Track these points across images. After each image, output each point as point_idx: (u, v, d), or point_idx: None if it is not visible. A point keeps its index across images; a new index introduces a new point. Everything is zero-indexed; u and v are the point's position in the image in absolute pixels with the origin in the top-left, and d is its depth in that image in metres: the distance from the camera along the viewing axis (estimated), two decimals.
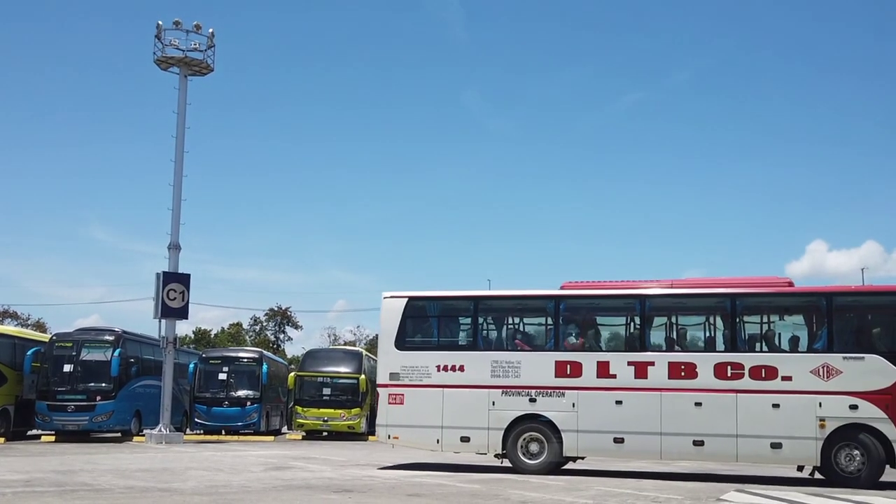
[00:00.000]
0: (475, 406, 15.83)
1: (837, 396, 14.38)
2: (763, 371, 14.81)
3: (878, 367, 14.33)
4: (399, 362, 16.30)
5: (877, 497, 12.40)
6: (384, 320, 16.72)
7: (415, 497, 11.46)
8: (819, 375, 14.54)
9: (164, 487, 12.05)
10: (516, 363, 15.89)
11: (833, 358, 14.53)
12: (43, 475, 13.64)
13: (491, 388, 15.86)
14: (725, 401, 14.83)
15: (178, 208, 26.31)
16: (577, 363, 15.65)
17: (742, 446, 14.72)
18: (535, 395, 15.71)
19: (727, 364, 14.99)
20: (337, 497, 11.26)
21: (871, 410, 14.22)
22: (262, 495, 11.33)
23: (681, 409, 14.99)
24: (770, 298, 15.82)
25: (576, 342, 16.22)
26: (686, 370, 15.15)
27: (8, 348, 25.57)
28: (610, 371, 15.47)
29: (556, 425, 15.55)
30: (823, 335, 14.89)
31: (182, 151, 26.51)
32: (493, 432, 15.76)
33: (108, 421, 25.24)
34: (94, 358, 25.42)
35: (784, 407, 14.57)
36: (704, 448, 14.91)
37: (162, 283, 25.28)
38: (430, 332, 17.17)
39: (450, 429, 15.91)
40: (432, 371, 16.12)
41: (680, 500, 11.59)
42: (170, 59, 26.83)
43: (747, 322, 15.73)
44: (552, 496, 11.75)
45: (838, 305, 15.14)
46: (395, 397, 16.21)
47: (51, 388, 24.89)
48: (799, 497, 12.11)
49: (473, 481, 13.78)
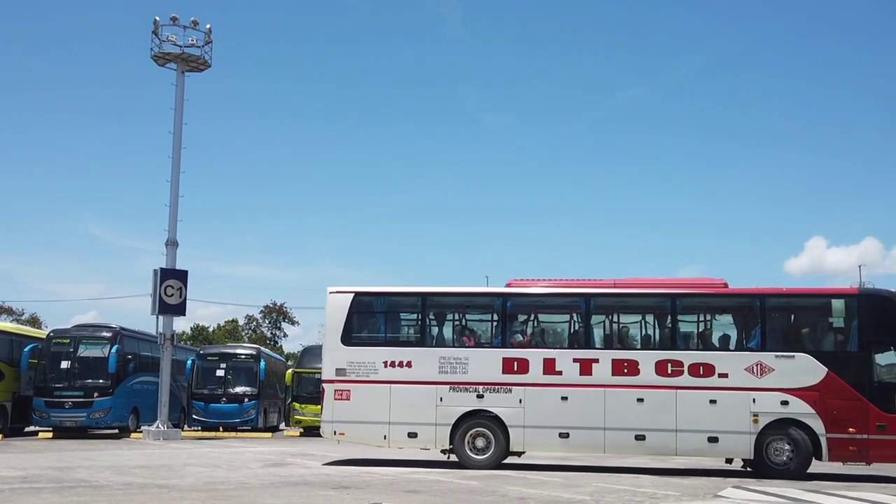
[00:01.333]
0: (423, 402, 15.96)
1: (770, 393, 15.21)
2: (701, 368, 15.50)
3: (807, 365, 15.22)
4: (345, 358, 16.28)
5: (874, 493, 12.44)
6: (330, 315, 16.65)
7: (413, 493, 11.49)
8: (753, 373, 15.33)
9: (161, 484, 12.06)
10: (464, 359, 16.09)
11: (766, 356, 15.35)
12: (41, 472, 13.63)
13: (438, 384, 16.02)
14: (666, 397, 15.45)
15: (175, 205, 26.27)
16: (524, 360, 15.97)
17: (681, 440, 15.37)
18: (482, 391, 15.94)
19: (668, 361, 15.62)
20: (335, 493, 11.27)
21: (800, 406, 15.10)
22: (260, 492, 11.35)
23: (624, 404, 15.53)
24: (707, 299, 16.40)
25: (522, 339, 16.52)
26: (629, 367, 15.69)
27: (5, 344, 25.55)
28: (556, 368, 15.86)
29: (504, 421, 15.80)
30: (757, 334, 15.69)
31: (179, 148, 26.46)
32: (441, 428, 15.90)
33: (105, 417, 25.24)
34: (91, 354, 25.42)
35: (720, 403, 15.29)
36: (646, 442, 15.48)
37: (159, 280, 25.27)
38: (377, 328, 17.09)
39: (397, 425, 15.98)
40: (379, 367, 16.16)
41: (677, 497, 11.62)
42: (167, 55, 26.74)
43: (686, 321, 16.41)
44: (550, 492, 11.78)
45: (770, 306, 16.00)
46: (342, 393, 16.18)
47: (48, 385, 24.87)
48: (796, 493, 12.15)
49: (471, 478, 13.81)
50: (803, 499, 11.60)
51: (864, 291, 16.25)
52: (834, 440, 14.95)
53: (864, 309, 15.58)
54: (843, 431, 14.94)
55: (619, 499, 11.25)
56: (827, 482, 14.27)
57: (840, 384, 15.09)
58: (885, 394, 15.05)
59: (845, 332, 15.65)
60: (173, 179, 26.31)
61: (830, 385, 15.09)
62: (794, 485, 13.56)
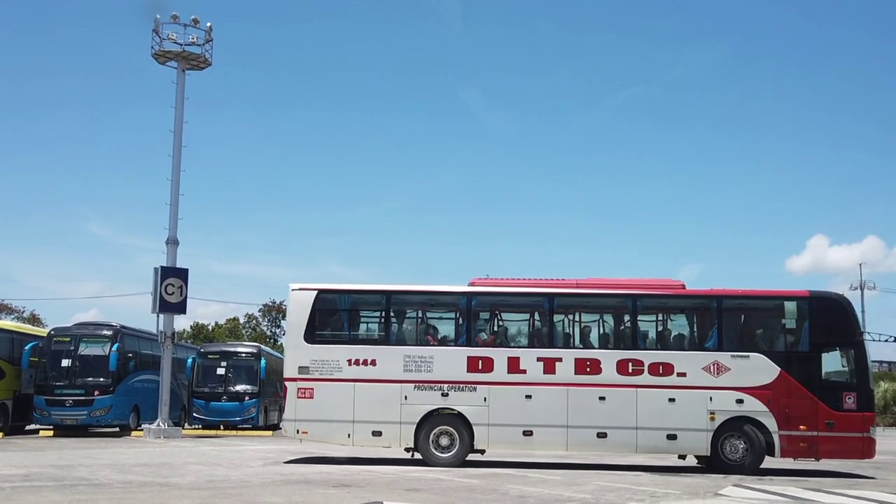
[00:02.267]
0: (387, 400, 15.95)
1: (726, 391, 15.70)
2: (661, 367, 15.89)
3: (761, 364, 15.76)
4: (308, 356, 16.16)
5: (874, 492, 12.44)
6: (292, 313, 16.58)
7: (413, 492, 11.50)
8: (710, 372, 15.79)
9: (162, 482, 12.07)
10: (429, 358, 16.12)
11: (722, 356, 15.82)
12: (41, 470, 13.65)
13: (403, 382, 16.03)
14: (627, 395, 15.79)
15: (176, 203, 26.29)
16: (489, 359, 16.09)
17: (641, 438, 15.74)
18: (447, 389, 16.01)
19: (629, 361, 15.95)
20: (335, 492, 11.29)
21: (755, 404, 15.63)
22: (260, 490, 11.36)
23: (586, 403, 15.79)
24: (666, 300, 16.80)
25: (487, 338, 16.62)
26: (591, 366, 15.97)
27: (6, 343, 25.59)
28: (520, 366, 16.03)
29: (468, 419, 15.90)
30: (714, 335, 16.21)
31: (180, 146, 26.47)
32: (406, 426, 15.92)
33: (106, 416, 25.27)
34: (92, 353, 25.43)
35: (679, 401, 15.72)
36: (607, 440, 15.78)
37: (160, 278, 25.29)
38: (341, 326, 17.07)
39: (361, 423, 15.95)
40: (343, 365, 16.09)
41: (678, 495, 11.63)
42: (167, 54, 26.78)
43: (646, 321, 16.78)
44: (550, 491, 11.79)
45: (726, 307, 16.46)
46: (305, 391, 16.06)
47: (49, 383, 24.90)
48: (796, 492, 12.16)
49: (471, 476, 13.82)
50: (804, 497, 11.61)
51: (815, 294, 16.48)
52: (786, 437, 15.54)
53: (815, 311, 16.16)
54: (794, 429, 15.53)
55: (620, 497, 11.26)
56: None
57: (792, 383, 15.66)
58: (834, 392, 15.67)
59: (797, 333, 16.28)
60: (174, 178, 26.32)
61: (783, 384, 15.65)
62: (794, 483, 13.58)
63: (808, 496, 11.73)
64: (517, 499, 10.94)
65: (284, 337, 17.10)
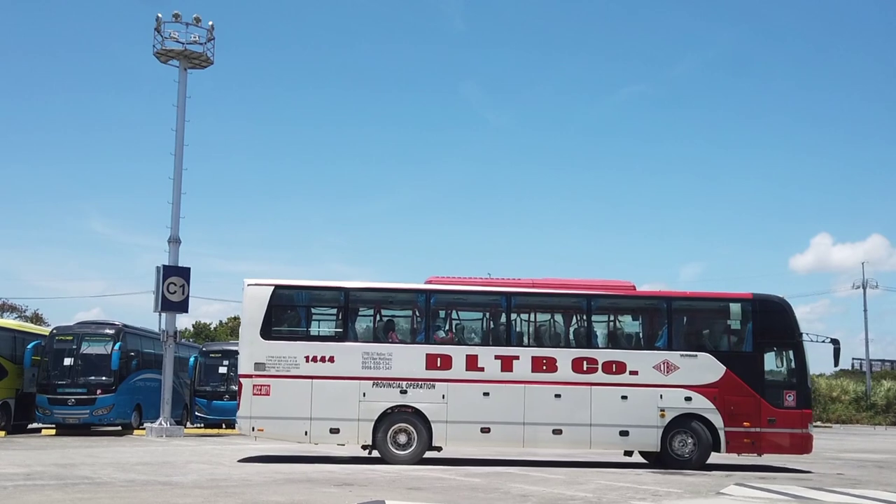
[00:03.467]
0: (345, 397, 15.91)
1: (675, 389, 16.25)
2: (614, 366, 16.32)
3: (708, 363, 16.36)
4: (265, 352, 16.05)
5: (875, 491, 12.44)
6: (247, 309, 16.39)
7: (415, 490, 11.51)
8: (660, 370, 16.29)
9: (164, 481, 12.09)
10: (387, 355, 16.13)
11: (672, 355, 16.36)
12: (44, 468, 13.67)
13: (362, 379, 15.99)
14: (581, 393, 16.17)
15: (178, 201, 26.27)
16: (448, 356, 16.20)
17: (595, 434, 16.16)
18: (406, 386, 16.05)
19: (583, 359, 16.35)
20: (337, 490, 11.30)
21: (702, 402, 16.21)
22: (263, 488, 11.37)
23: (542, 400, 16.11)
24: (618, 300, 17.25)
25: (445, 336, 16.73)
26: (547, 364, 16.29)
27: (8, 342, 25.60)
28: (478, 364, 16.20)
29: (427, 416, 15.98)
30: (664, 334, 16.69)
31: (182, 144, 26.46)
32: (364, 423, 15.90)
33: (108, 414, 25.27)
34: (94, 351, 25.45)
35: (631, 398, 16.18)
36: (563, 436, 16.13)
37: (162, 277, 25.30)
38: (299, 322, 17.02)
39: (319, 420, 15.88)
40: (301, 361, 16.00)
41: (680, 494, 11.64)
42: (169, 52, 26.77)
43: (600, 321, 17.31)
44: (552, 490, 11.80)
45: (675, 308, 16.98)
46: (261, 388, 15.99)
47: (51, 382, 24.91)
48: (797, 490, 12.16)
49: (473, 475, 13.83)
50: (807, 496, 11.61)
51: (758, 296, 16.95)
52: (731, 433, 16.16)
53: (758, 313, 16.78)
54: (738, 425, 16.18)
55: (622, 496, 11.26)
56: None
57: (737, 381, 16.28)
58: (775, 390, 16.38)
59: (741, 333, 16.94)
60: (176, 177, 26.29)
61: (728, 382, 16.26)
62: (796, 482, 13.58)
63: (811, 495, 11.72)
64: (519, 497, 10.95)
65: (239, 333, 16.87)
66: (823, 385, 56.50)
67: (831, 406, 54.84)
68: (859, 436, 37.91)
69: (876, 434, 41.15)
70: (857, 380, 58.08)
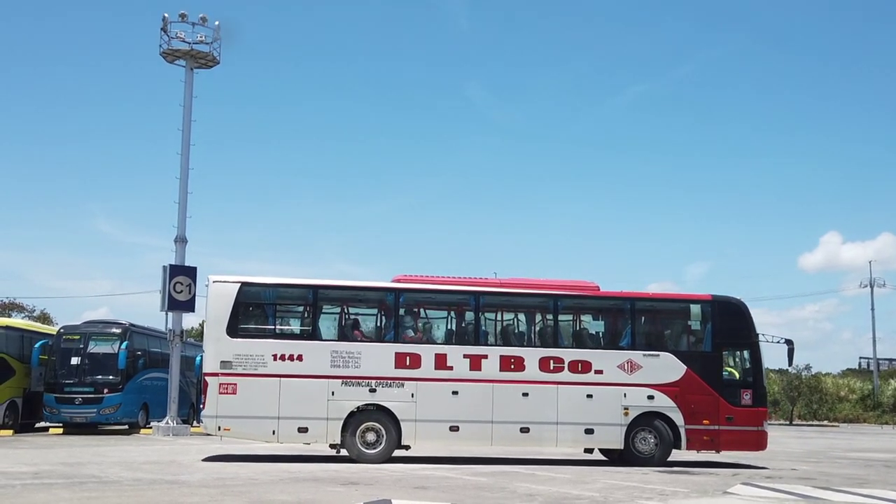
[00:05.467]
0: (314, 396, 15.79)
1: (638, 388, 16.49)
2: (580, 365, 16.50)
3: (670, 363, 16.64)
4: (231, 350, 15.77)
5: (882, 490, 12.40)
6: (213, 306, 16.12)
7: (421, 490, 11.51)
8: (624, 370, 16.51)
9: (171, 479, 12.11)
10: (356, 354, 16.07)
11: (635, 354, 16.60)
12: (51, 467, 13.71)
13: (331, 377, 15.91)
14: (548, 391, 16.29)
15: (184, 201, 26.35)
16: (417, 355, 16.22)
17: (561, 432, 16.31)
18: (375, 385, 16.00)
19: (550, 358, 16.49)
20: (343, 489, 11.31)
21: (664, 400, 16.49)
22: (269, 487, 11.39)
23: (510, 398, 16.20)
24: (583, 300, 17.50)
25: (414, 335, 16.76)
26: (515, 363, 16.40)
27: (15, 341, 25.67)
28: (447, 363, 16.23)
29: (396, 415, 15.95)
30: (628, 334, 16.91)
31: (188, 144, 26.52)
32: (332, 422, 15.80)
33: (115, 413, 25.36)
34: (101, 350, 25.56)
35: (596, 397, 16.37)
36: (530, 434, 16.24)
37: (168, 276, 25.36)
38: (266, 320, 16.86)
39: (287, 419, 15.75)
40: (268, 360, 15.81)
41: (686, 494, 11.62)
42: (176, 52, 26.83)
43: (566, 321, 17.58)
44: (559, 489, 11.79)
45: (638, 309, 17.27)
46: (227, 387, 15.69)
47: (58, 381, 25.01)
48: (804, 490, 12.13)
49: (479, 474, 13.83)
50: (814, 496, 11.57)
51: (716, 298, 17.23)
52: (691, 431, 16.48)
53: (716, 314, 17.10)
54: (698, 423, 16.49)
55: (629, 496, 11.25)
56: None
57: (697, 380, 16.60)
58: (733, 389, 16.75)
59: (700, 334, 17.30)
60: (182, 176, 26.38)
61: (689, 381, 16.55)
62: (804, 481, 13.54)
63: (818, 494, 11.69)
64: (525, 497, 10.94)
65: (204, 330, 16.72)
66: (830, 384, 56.41)
67: (838, 405, 54.71)
68: (867, 435, 37.80)
69: (883, 433, 41.01)
70: (865, 379, 57.91)
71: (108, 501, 9.60)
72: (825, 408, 53.33)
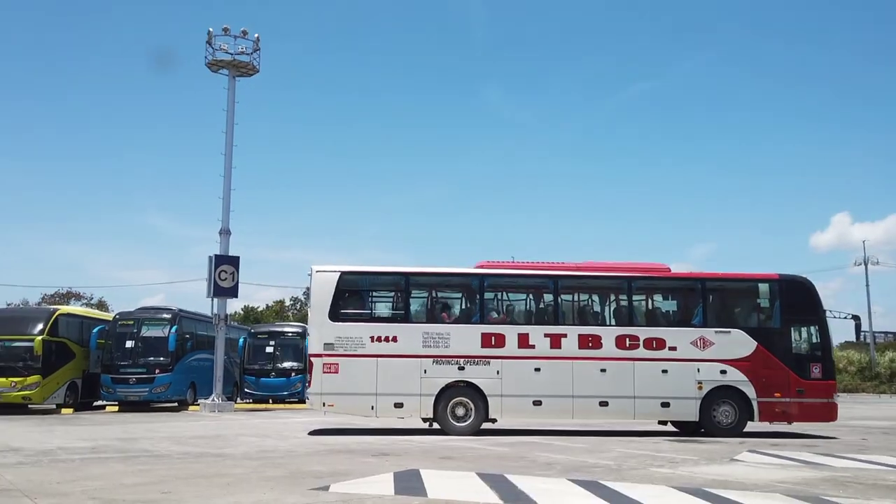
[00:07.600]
0: (408, 374, 15.92)
1: (711, 363, 16.27)
2: (654, 342, 16.34)
3: (741, 339, 16.40)
4: (333, 333, 16.02)
5: (883, 456, 12.18)
6: (316, 293, 16.28)
7: (447, 460, 11.45)
8: (697, 346, 16.30)
9: (217, 453, 12.14)
10: (446, 334, 16.14)
11: (707, 332, 16.39)
12: (107, 442, 13.83)
13: (423, 357, 16.00)
14: (625, 367, 16.20)
15: (227, 197, 26.57)
16: (501, 335, 16.21)
17: (638, 406, 16.18)
18: (463, 363, 16.06)
19: (626, 336, 16.37)
20: (375, 460, 11.27)
21: (736, 375, 16.28)
22: (306, 459, 11.38)
23: (589, 374, 16.14)
24: (657, 281, 17.27)
25: (498, 316, 16.74)
26: (593, 341, 16.32)
27: (76, 327, 26.00)
28: (529, 342, 16.21)
29: (483, 391, 15.99)
30: (699, 312, 16.68)
31: (231, 145, 26.83)
32: (425, 398, 15.94)
33: (165, 392, 25.61)
34: (153, 334, 25.84)
35: (671, 372, 16.22)
36: (609, 408, 16.15)
37: (214, 265, 25.52)
38: (364, 305, 16.94)
39: (384, 395, 15.89)
40: (366, 341, 15.99)
41: (696, 461, 11.47)
42: (220, 63, 27.19)
43: (640, 300, 17.35)
44: (576, 458, 11.68)
45: (709, 288, 16.98)
46: (330, 366, 15.91)
47: (114, 363, 25.34)
48: (809, 457, 11.93)
49: (501, 445, 13.76)
50: (817, 462, 11.38)
51: (784, 277, 16.98)
52: (763, 403, 16.25)
53: (784, 292, 16.85)
54: (770, 396, 16.26)
55: (641, 463, 11.12)
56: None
57: (767, 355, 16.33)
58: (802, 363, 16.43)
59: (769, 311, 16.99)
60: (226, 174, 26.67)
61: (760, 356, 16.31)
62: (806, 448, 13.34)
63: (820, 460, 11.49)
64: (545, 465, 10.84)
65: (309, 315, 16.90)
66: None
67: (838, 376, 54.04)
68: (865, 404, 37.34)
69: (881, 402, 40.52)
70: (863, 351, 57.32)
71: (159, 473, 9.62)
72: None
